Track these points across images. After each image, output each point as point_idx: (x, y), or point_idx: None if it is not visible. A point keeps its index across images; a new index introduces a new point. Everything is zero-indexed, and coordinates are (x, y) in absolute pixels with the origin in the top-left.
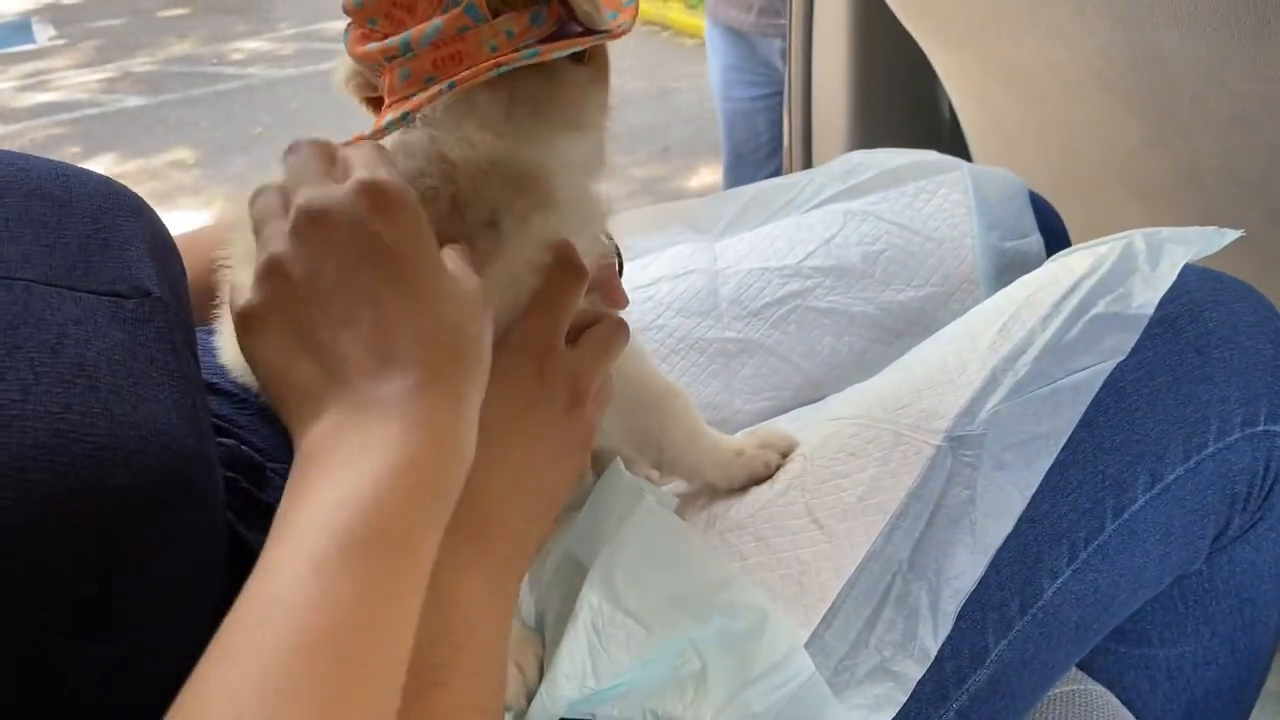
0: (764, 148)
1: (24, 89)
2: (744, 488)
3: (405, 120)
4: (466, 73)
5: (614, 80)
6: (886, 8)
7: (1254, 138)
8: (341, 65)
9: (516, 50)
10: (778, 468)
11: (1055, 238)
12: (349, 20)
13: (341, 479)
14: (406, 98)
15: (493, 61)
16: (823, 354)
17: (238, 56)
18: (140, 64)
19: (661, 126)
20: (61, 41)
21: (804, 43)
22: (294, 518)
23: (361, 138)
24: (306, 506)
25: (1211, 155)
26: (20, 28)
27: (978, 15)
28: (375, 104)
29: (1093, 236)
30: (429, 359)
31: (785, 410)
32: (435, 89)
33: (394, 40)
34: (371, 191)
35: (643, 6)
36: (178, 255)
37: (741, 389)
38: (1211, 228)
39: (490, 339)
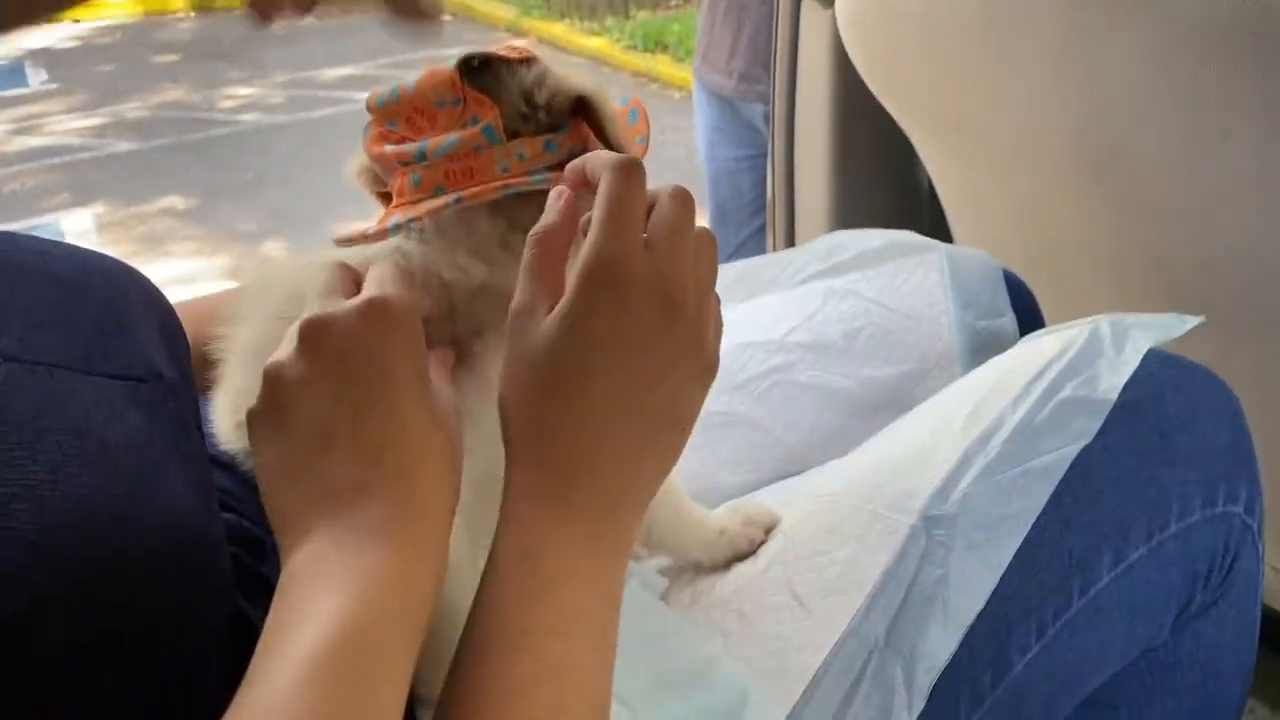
0: (747, 206)
1: (16, 133)
2: (728, 564)
3: (409, 225)
4: (475, 189)
5: None
6: (867, 90)
7: (1217, 225)
8: (355, 158)
9: (527, 174)
10: (760, 544)
11: (1029, 315)
12: (370, 118)
13: (324, 603)
14: (414, 203)
15: (501, 182)
16: (805, 428)
17: (229, 103)
18: (132, 109)
19: (650, 177)
20: (54, 86)
21: (786, 121)
22: (279, 643)
23: (364, 234)
24: (293, 630)
25: (1179, 240)
26: (13, 72)
27: (954, 98)
28: (385, 198)
29: (1065, 312)
30: (405, 479)
31: (768, 483)
32: (443, 200)
33: (410, 147)
34: (374, 308)
35: (631, 59)
36: (183, 333)
37: (726, 461)
38: (1173, 315)
39: (461, 451)
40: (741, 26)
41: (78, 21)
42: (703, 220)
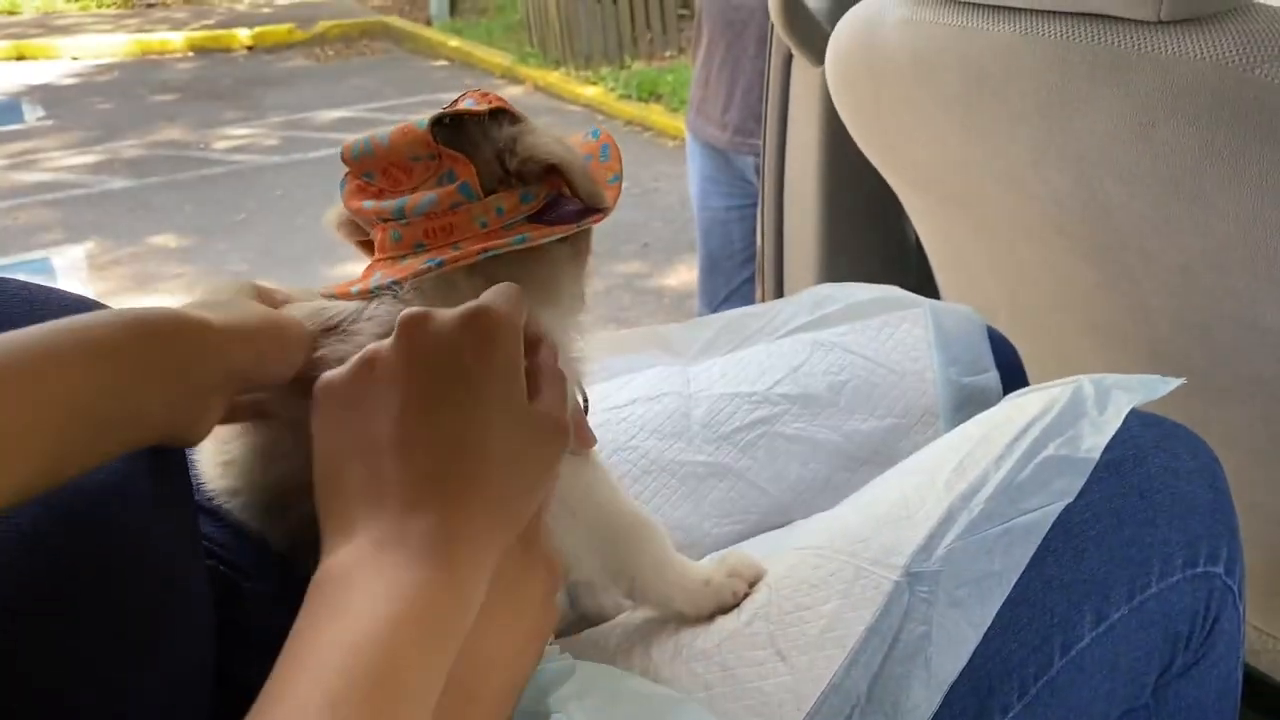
0: (738, 255)
1: (10, 168)
2: (711, 616)
3: (394, 288)
4: (455, 254)
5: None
6: (858, 150)
7: (1196, 285)
8: (335, 209)
9: (505, 227)
10: (745, 596)
11: (1012, 372)
12: (346, 170)
13: (355, 617)
14: (396, 259)
15: (481, 246)
16: (789, 479)
17: (224, 143)
18: (128, 147)
19: (642, 224)
20: (50, 122)
21: (776, 173)
22: (305, 648)
23: (347, 292)
24: (319, 638)
25: (1159, 299)
26: (9, 108)
27: (939, 161)
28: (366, 245)
29: (1048, 367)
30: (460, 502)
31: (752, 534)
32: (424, 266)
33: (389, 204)
34: (477, 318)
35: (626, 108)
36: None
37: (710, 512)
38: (1155, 376)
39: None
40: (735, 81)
41: (76, 59)
42: (695, 263)
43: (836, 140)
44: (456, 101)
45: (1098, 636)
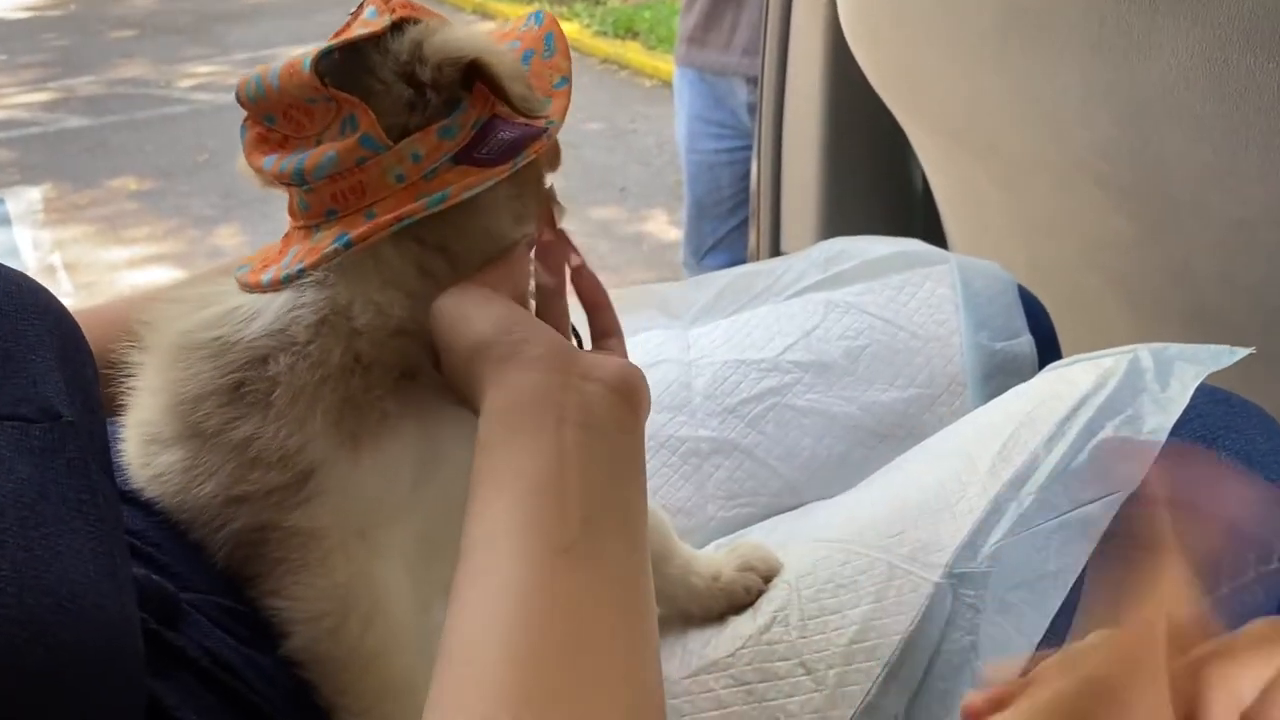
0: (726, 201)
1: None
2: (722, 617)
3: (302, 275)
4: (363, 229)
5: (571, 119)
6: (864, 81)
7: (1256, 241)
8: (241, 159)
9: (427, 176)
10: (759, 593)
11: (1044, 338)
12: (245, 115)
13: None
14: (309, 229)
15: (392, 216)
16: (802, 457)
17: (187, 81)
18: (85, 84)
19: (619, 167)
20: (3, 58)
21: (775, 111)
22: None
23: (259, 283)
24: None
25: (1208, 256)
26: None
27: (967, 102)
28: None
29: (1072, 330)
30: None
31: (762, 518)
32: (330, 248)
33: (288, 166)
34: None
35: (601, 45)
36: (90, 358)
37: (715, 493)
38: (1222, 346)
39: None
40: (739, 5)
41: None
42: (675, 207)
43: (842, 75)
44: (354, 16)
45: None
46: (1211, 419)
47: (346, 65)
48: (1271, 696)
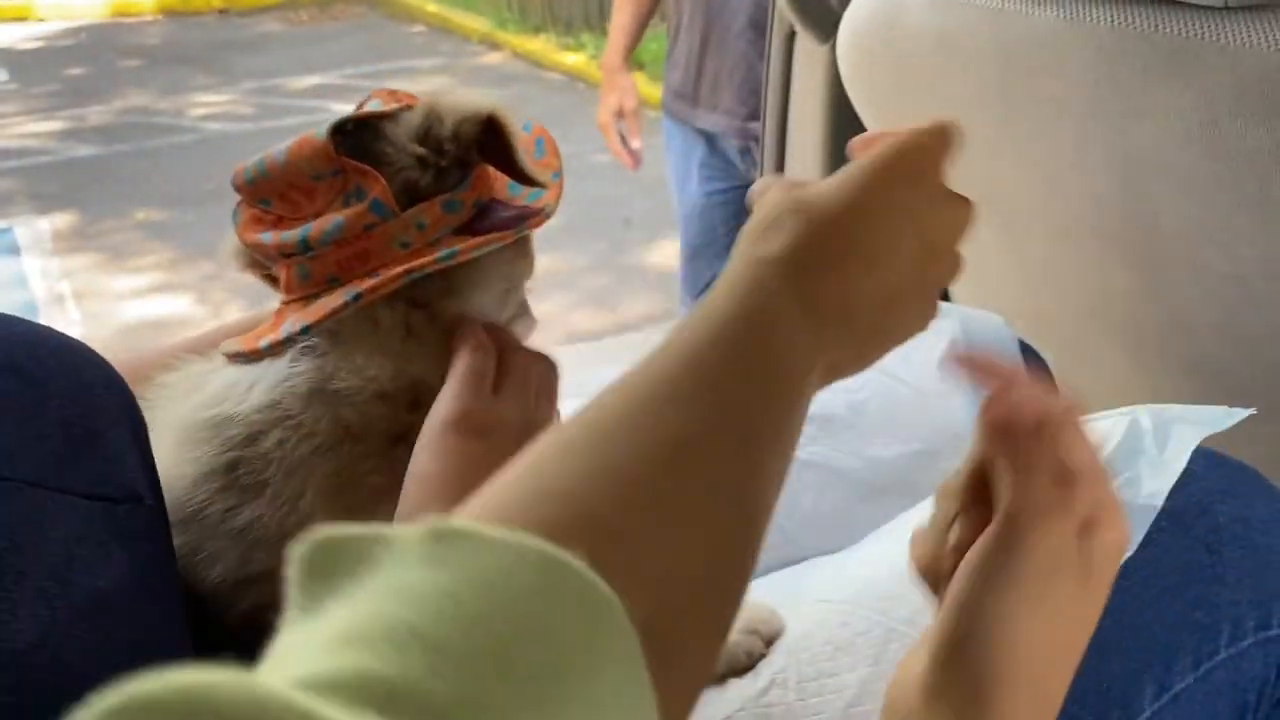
0: (720, 241)
1: None
2: (722, 678)
3: (306, 334)
4: (374, 282)
5: (574, 148)
6: (864, 127)
7: (1251, 295)
8: (229, 240)
9: (430, 244)
10: (760, 657)
11: None
12: (239, 198)
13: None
14: (305, 299)
15: (403, 269)
16: (803, 511)
17: (196, 110)
18: (95, 113)
19: (623, 198)
20: (14, 86)
21: (776, 160)
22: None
23: (256, 349)
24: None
25: (1206, 310)
26: None
27: (965, 154)
28: (272, 279)
29: (1074, 380)
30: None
31: (761, 573)
32: (340, 302)
33: (291, 235)
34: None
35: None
36: (145, 427)
37: None
38: (1221, 408)
39: None
40: (721, 60)
41: (42, 20)
42: (677, 247)
43: (843, 125)
44: (362, 104)
45: (1159, 710)
46: (1209, 482)
47: (358, 137)
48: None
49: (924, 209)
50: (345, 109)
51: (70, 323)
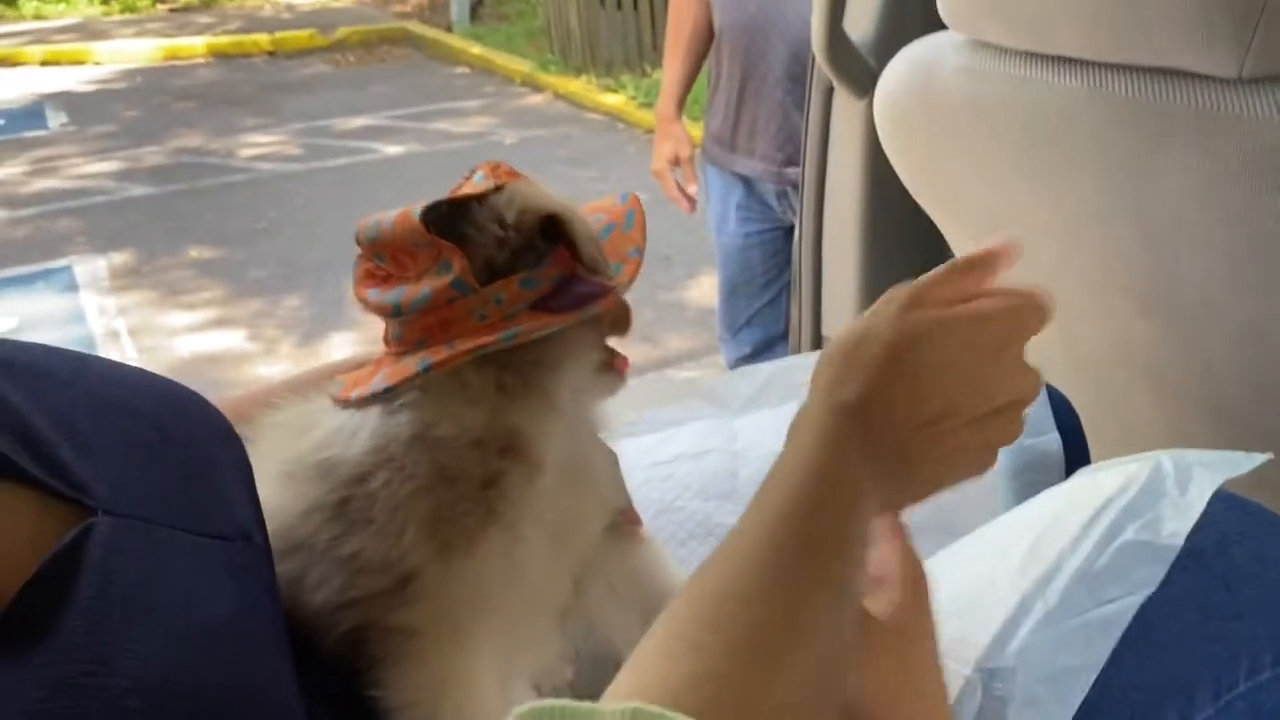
0: (758, 279)
1: (34, 174)
2: None
3: (389, 395)
4: (443, 357)
5: (614, 187)
6: (900, 182)
7: (1269, 344)
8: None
9: (506, 317)
10: None
11: (1071, 436)
12: (359, 251)
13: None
14: (398, 354)
15: (472, 345)
16: None
17: (246, 151)
18: (150, 154)
19: (663, 235)
20: (73, 128)
21: (815, 207)
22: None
23: (348, 398)
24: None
25: (1226, 356)
26: (34, 113)
27: (996, 209)
28: None
29: (1105, 424)
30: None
31: None
32: (413, 370)
33: (389, 299)
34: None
35: (647, 117)
36: (251, 469)
37: None
38: (1239, 453)
39: None
40: (758, 110)
41: (100, 64)
42: (713, 296)
43: (879, 174)
44: (465, 180)
45: None
46: (1227, 524)
47: (450, 216)
48: None
49: (998, 376)
50: (392, 150)
51: (125, 358)
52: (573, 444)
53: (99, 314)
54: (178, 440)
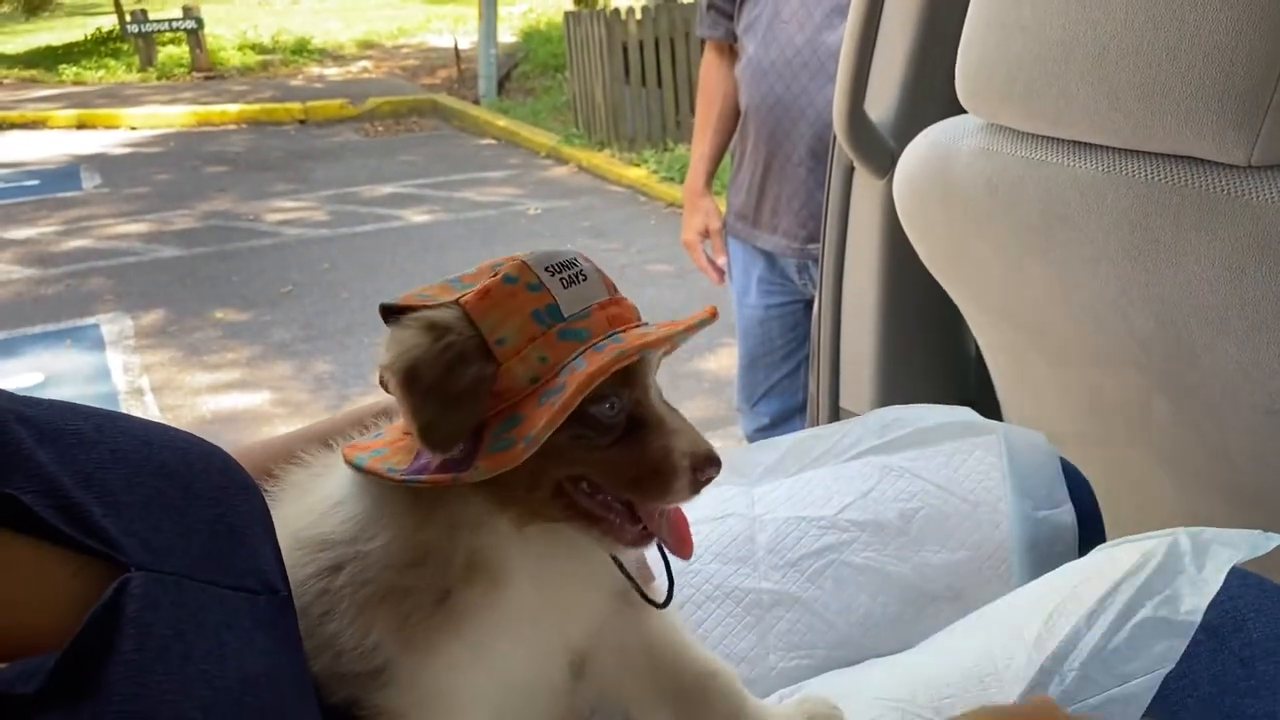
0: (777, 351)
1: (67, 234)
2: None
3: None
4: (427, 480)
5: (633, 258)
6: (919, 260)
7: None
8: None
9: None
10: None
11: (1086, 509)
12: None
13: None
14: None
15: (445, 478)
16: (858, 613)
17: (274, 216)
18: (179, 216)
19: (682, 307)
20: (106, 190)
21: (834, 284)
22: None
23: (352, 461)
24: None
25: (1241, 439)
26: (69, 174)
27: (1013, 289)
28: None
29: (1121, 501)
30: None
31: (819, 670)
32: (399, 478)
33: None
34: None
35: (668, 190)
36: (273, 524)
37: (776, 644)
38: (1257, 531)
39: None
40: (781, 188)
41: (134, 129)
42: (733, 354)
43: (898, 252)
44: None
45: None
46: (1243, 601)
47: None
48: None
49: None
50: (418, 217)
51: (149, 415)
52: (553, 546)
53: (124, 371)
54: (203, 495)
